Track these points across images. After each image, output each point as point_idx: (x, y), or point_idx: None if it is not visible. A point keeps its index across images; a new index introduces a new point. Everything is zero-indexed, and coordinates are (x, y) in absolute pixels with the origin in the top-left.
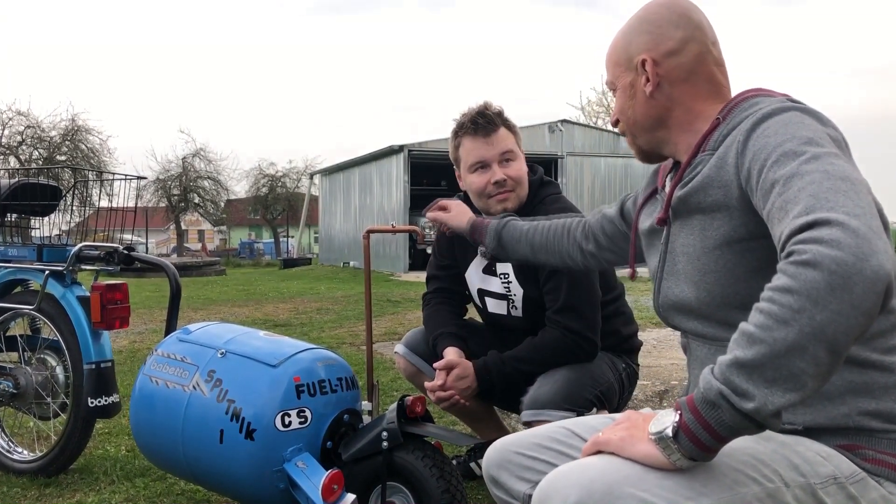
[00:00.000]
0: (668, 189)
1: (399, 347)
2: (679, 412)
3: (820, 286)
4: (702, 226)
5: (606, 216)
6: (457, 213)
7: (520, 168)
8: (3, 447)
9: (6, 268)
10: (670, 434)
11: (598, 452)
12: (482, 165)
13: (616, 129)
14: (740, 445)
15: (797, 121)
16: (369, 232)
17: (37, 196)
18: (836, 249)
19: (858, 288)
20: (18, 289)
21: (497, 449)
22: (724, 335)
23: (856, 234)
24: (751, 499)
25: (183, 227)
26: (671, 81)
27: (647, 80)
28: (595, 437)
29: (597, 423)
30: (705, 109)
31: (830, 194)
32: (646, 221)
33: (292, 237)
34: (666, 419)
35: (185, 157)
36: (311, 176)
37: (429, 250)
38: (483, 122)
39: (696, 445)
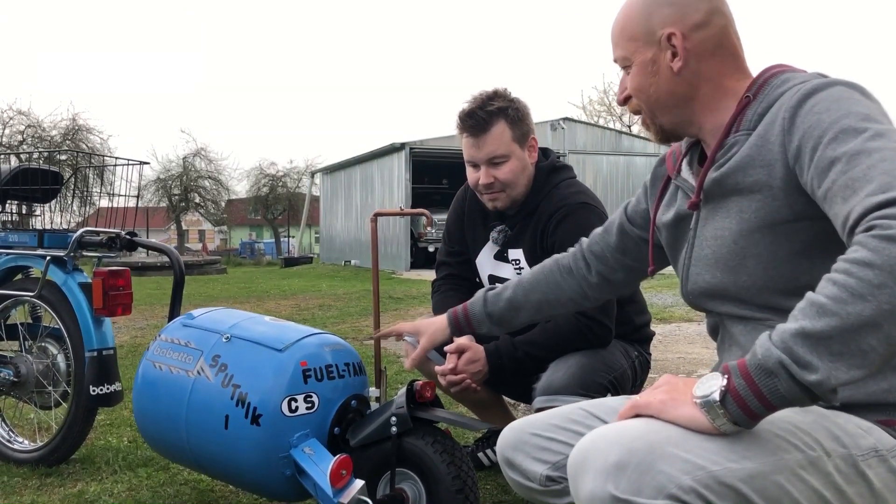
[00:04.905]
0: (698, 173)
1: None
2: (727, 376)
3: None
4: (739, 208)
5: (610, 231)
6: (425, 331)
7: (511, 169)
8: (3, 437)
9: (7, 254)
10: (717, 398)
11: (637, 416)
12: (473, 164)
13: (624, 107)
14: (781, 414)
15: (847, 96)
16: (377, 215)
17: (37, 181)
18: None
19: None
20: (19, 276)
21: (512, 430)
22: (763, 316)
23: None
24: (793, 465)
25: (184, 227)
26: (699, 56)
27: (674, 55)
28: (634, 401)
29: (614, 404)
30: (732, 86)
31: None
32: (667, 213)
33: (293, 237)
34: (712, 383)
35: (185, 157)
36: (312, 174)
37: (430, 248)
38: (471, 122)
39: (743, 411)
